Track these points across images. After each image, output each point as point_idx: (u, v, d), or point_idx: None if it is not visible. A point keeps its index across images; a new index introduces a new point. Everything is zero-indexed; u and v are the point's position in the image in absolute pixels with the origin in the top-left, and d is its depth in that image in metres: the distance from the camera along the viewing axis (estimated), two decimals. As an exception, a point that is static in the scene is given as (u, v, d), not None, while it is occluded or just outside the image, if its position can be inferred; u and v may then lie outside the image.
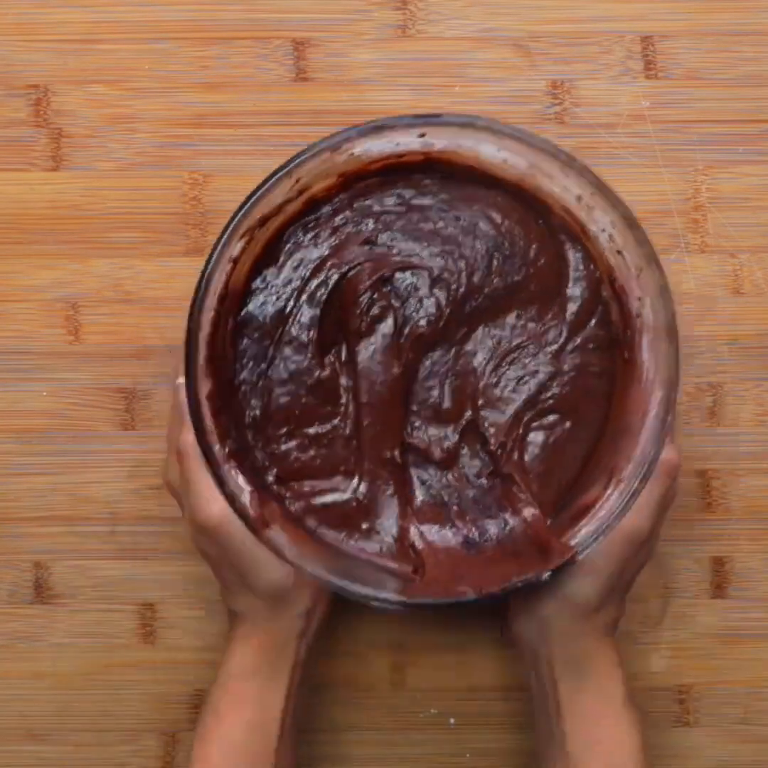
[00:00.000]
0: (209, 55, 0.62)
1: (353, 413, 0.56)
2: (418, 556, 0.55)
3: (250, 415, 0.56)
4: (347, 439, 0.56)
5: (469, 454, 0.57)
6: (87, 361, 0.63)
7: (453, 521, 0.56)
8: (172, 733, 0.64)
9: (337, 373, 0.56)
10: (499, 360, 0.57)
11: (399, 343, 0.56)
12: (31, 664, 0.64)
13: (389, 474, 0.56)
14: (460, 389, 0.57)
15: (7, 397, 0.63)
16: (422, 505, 0.56)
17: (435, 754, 0.64)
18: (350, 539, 0.55)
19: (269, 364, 0.56)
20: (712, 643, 0.64)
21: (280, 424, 0.56)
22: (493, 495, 0.56)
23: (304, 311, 0.56)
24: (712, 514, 0.64)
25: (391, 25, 0.62)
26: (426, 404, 0.57)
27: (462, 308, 0.57)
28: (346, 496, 0.56)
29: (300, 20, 0.62)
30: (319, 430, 0.56)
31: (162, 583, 0.64)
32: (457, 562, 0.55)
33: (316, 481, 0.56)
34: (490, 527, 0.56)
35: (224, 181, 0.63)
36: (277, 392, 0.56)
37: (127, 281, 0.63)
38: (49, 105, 0.62)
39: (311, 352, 0.56)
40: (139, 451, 0.63)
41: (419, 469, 0.57)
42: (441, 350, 0.57)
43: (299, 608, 0.56)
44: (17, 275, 0.63)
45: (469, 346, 0.57)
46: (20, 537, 0.64)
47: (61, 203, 0.63)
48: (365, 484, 0.56)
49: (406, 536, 0.56)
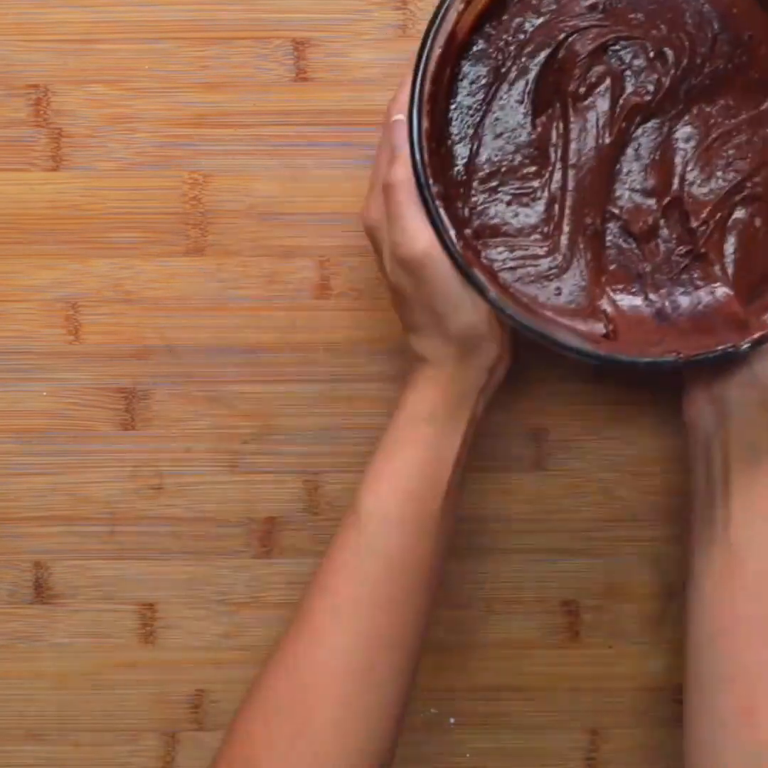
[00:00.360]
0: (209, 55, 0.62)
1: (559, 176, 0.57)
2: (609, 322, 0.56)
3: (457, 166, 0.56)
4: (549, 202, 0.57)
5: (669, 229, 0.57)
6: (87, 361, 0.63)
7: (646, 293, 0.57)
8: (172, 733, 0.64)
9: (548, 134, 0.57)
10: (711, 141, 0.57)
11: (613, 111, 0.57)
12: (31, 664, 0.64)
13: (587, 240, 0.57)
14: (668, 165, 0.57)
15: (7, 397, 0.63)
16: (616, 274, 0.57)
17: (435, 754, 0.64)
18: (542, 300, 0.56)
19: (482, 118, 0.56)
20: (712, 643, 0.64)
21: (485, 179, 0.57)
22: (689, 272, 0.57)
23: (522, 70, 0.57)
24: (712, 514, 0.64)
25: (391, 25, 0.62)
26: (632, 176, 0.58)
27: (680, 85, 0.57)
28: (542, 257, 0.57)
29: (300, 20, 0.62)
30: (523, 190, 0.57)
31: (162, 583, 0.64)
32: (650, 330, 0.56)
33: (513, 239, 0.57)
34: (683, 302, 0.57)
35: (224, 181, 0.63)
36: (486, 146, 0.57)
37: (127, 281, 0.63)
38: (49, 105, 0.62)
39: (525, 110, 0.57)
40: (139, 451, 0.63)
41: (617, 239, 0.57)
42: (653, 125, 0.57)
43: (486, 361, 0.55)
44: (17, 275, 0.63)
45: (681, 124, 0.57)
46: (20, 537, 0.64)
47: (61, 203, 0.63)
48: (562, 248, 0.57)
49: (598, 303, 0.56)
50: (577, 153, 0.57)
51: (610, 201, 0.57)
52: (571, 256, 0.57)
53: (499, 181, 0.57)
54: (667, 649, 0.64)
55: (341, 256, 0.63)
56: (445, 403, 0.55)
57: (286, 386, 0.63)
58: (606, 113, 0.57)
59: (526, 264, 0.56)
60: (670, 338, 0.55)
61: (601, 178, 0.57)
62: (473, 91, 0.56)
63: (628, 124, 0.57)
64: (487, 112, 0.57)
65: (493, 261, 0.56)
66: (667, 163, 0.57)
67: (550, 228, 0.57)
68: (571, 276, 0.57)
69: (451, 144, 0.56)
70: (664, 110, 0.57)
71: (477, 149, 0.57)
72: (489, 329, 0.54)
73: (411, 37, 0.62)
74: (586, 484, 0.64)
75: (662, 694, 0.64)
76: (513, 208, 0.57)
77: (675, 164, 0.57)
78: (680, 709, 0.55)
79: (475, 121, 0.57)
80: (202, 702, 0.65)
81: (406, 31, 0.62)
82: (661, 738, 0.64)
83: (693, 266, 0.57)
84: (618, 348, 0.54)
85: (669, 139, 0.57)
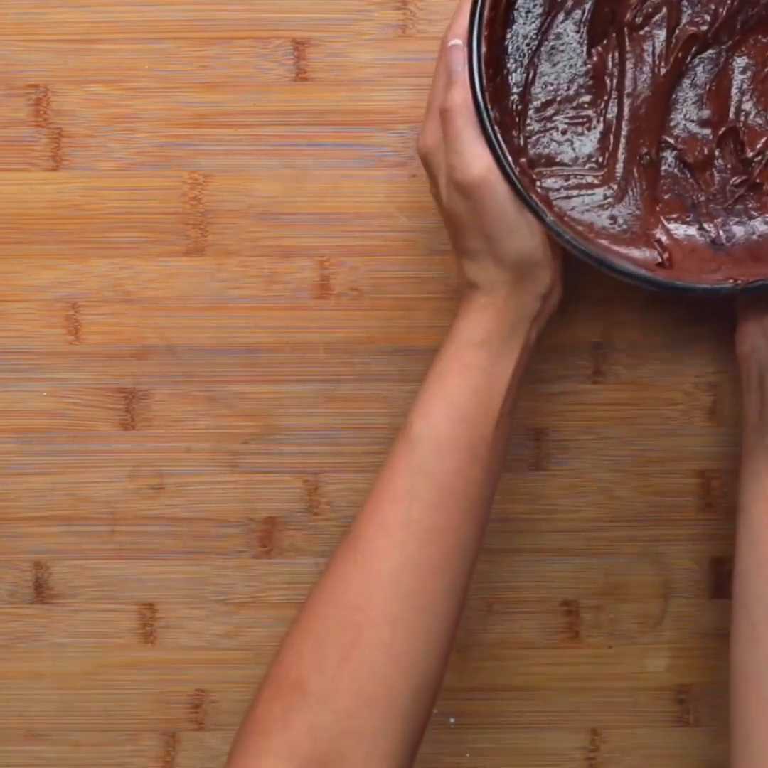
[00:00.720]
0: (209, 55, 0.62)
1: (615, 106, 0.57)
2: (664, 250, 0.56)
3: (512, 95, 0.57)
4: (605, 131, 0.57)
5: (724, 159, 0.58)
6: (87, 361, 0.63)
7: (700, 222, 0.57)
8: (172, 733, 0.64)
9: (604, 64, 0.57)
10: (767, 73, 0.58)
11: (669, 41, 0.57)
12: (31, 664, 0.64)
13: (642, 170, 0.57)
14: (724, 96, 0.58)
15: (7, 397, 0.63)
16: (671, 203, 0.58)
17: (435, 754, 0.64)
18: (597, 229, 0.56)
19: (538, 47, 0.57)
20: (712, 643, 0.64)
21: (540, 108, 0.57)
22: (743, 202, 0.57)
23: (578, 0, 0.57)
24: (712, 514, 0.64)
25: (391, 25, 0.62)
26: (688, 106, 0.58)
27: (736, 15, 0.57)
28: (597, 186, 0.57)
29: (300, 20, 0.62)
30: (578, 119, 0.57)
31: (162, 583, 0.64)
32: (706, 259, 0.56)
33: (568, 168, 0.57)
34: (737, 232, 0.57)
35: (224, 181, 0.63)
36: (541, 75, 0.57)
37: (127, 281, 0.63)
38: (49, 105, 0.62)
39: (581, 40, 0.57)
40: (139, 451, 0.63)
41: (672, 169, 0.58)
42: (710, 55, 0.58)
43: (540, 288, 0.55)
44: (17, 275, 0.63)
45: (738, 55, 0.58)
46: (20, 537, 0.64)
47: (61, 203, 0.63)
48: (617, 177, 0.57)
49: (653, 231, 0.57)
50: (633, 83, 0.57)
51: (666, 130, 0.57)
52: (626, 185, 0.57)
53: (554, 110, 0.57)
54: (667, 649, 0.64)
55: (341, 256, 0.63)
56: (498, 329, 0.55)
57: (286, 386, 0.63)
58: (662, 43, 0.57)
59: (581, 193, 0.57)
60: (726, 267, 0.56)
61: (656, 107, 0.57)
62: (529, 19, 0.57)
63: (685, 54, 0.57)
64: (543, 42, 0.57)
65: (548, 190, 0.56)
66: (723, 93, 0.58)
67: (605, 157, 0.57)
68: (626, 205, 0.57)
69: (506, 73, 0.56)
70: (720, 41, 0.57)
71: (532, 78, 0.57)
72: (543, 256, 0.54)
73: (411, 37, 0.62)
74: (586, 484, 0.64)
75: (662, 694, 0.64)
76: (568, 137, 0.57)
77: (731, 95, 0.58)
78: (680, 709, 0.55)
79: (531, 50, 0.57)
80: (202, 702, 0.65)
81: (406, 31, 0.62)
82: (661, 738, 0.64)
83: (747, 196, 0.57)
84: (675, 275, 0.55)
85: (725, 69, 0.58)
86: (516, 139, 0.56)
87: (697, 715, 0.64)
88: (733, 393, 0.63)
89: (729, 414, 0.63)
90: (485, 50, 0.53)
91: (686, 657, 0.64)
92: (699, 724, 0.64)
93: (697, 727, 0.64)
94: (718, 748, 0.64)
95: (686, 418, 0.63)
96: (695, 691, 0.64)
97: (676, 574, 0.64)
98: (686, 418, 0.63)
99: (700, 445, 0.63)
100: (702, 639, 0.64)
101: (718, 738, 0.64)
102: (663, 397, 0.63)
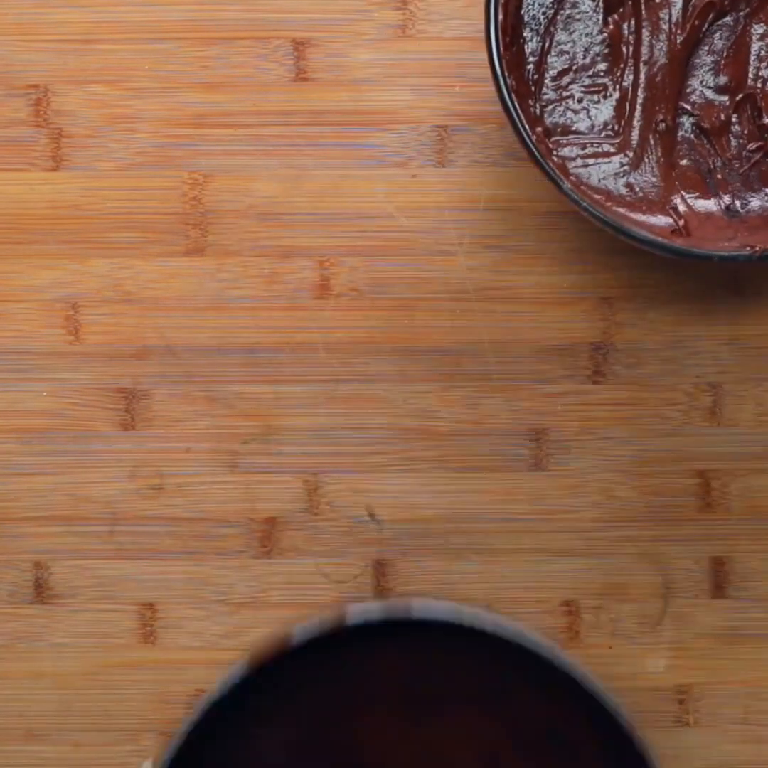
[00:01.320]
0: (209, 55, 0.62)
1: (631, 74, 0.57)
2: (680, 218, 0.57)
3: (528, 64, 0.57)
4: (621, 98, 0.57)
5: (741, 126, 0.58)
6: (87, 361, 0.63)
7: (716, 190, 0.57)
8: (172, 733, 0.64)
9: (620, 32, 0.57)
10: None
11: (686, 9, 0.57)
12: (31, 664, 0.64)
13: (658, 136, 0.57)
14: (742, 62, 0.58)
15: (7, 397, 0.63)
16: (686, 171, 0.58)
17: (435, 754, 0.64)
18: (614, 197, 0.57)
19: (554, 15, 0.57)
20: (712, 643, 0.64)
21: (556, 77, 0.57)
22: (759, 169, 0.58)
23: None
24: (712, 514, 0.64)
25: (391, 25, 0.62)
26: (704, 73, 0.58)
27: None
28: (613, 154, 0.57)
29: (300, 20, 0.62)
30: (594, 87, 0.57)
31: (162, 583, 0.64)
32: (722, 226, 0.57)
33: (584, 136, 0.57)
34: (753, 200, 0.58)
35: (224, 181, 0.63)
36: (557, 44, 0.57)
37: (127, 281, 0.63)
38: (49, 105, 0.62)
39: (597, 7, 0.57)
40: (139, 451, 0.63)
41: (688, 135, 0.58)
42: (727, 22, 0.58)
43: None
44: (17, 275, 0.63)
45: (756, 22, 0.58)
46: (20, 537, 0.64)
47: (61, 203, 0.63)
48: (633, 144, 0.57)
49: (669, 199, 0.57)
50: (649, 50, 0.57)
51: (682, 97, 0.58)
52: (642, 152, 0.57)
53: (570, 78, 0.57)
54: (667, 649, 0.64)
55: (341, 256, 0.63)
56: None
57: (286, 386, 0.63)
58: (678, 11, 0.57)
59: (598, 161, 0.57)
60: (742, 234, 0.56)
61: (673, 74, 0.57)
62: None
63: (701, 21, 0.57)
64: (559, 10, 0.57)
65: (564, 159, 0.57)
66: (740, 60, 0.58)
67: (621, 125, 0.57)
68: (642, 172, 0.57)
69: (522, 42, 0.57)
70: (737, 8, 0.57)
71: (548, 47, 0.57)
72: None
73: (411, 37, 0.62)
74: (586, 484, 0.64)
75: (662, 694, 0.64)
76: (584, 105, 0.57)
77: (748, 62, 0.58)
78: (680, 709, 0.55)
79: (547, 19, 0.57)
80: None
81: (406, 31, 0.62)
82: (661, 738, 0.64)
83: (763, 162, 0.58)
84: (692, 243, 0.55)
85: (743, 36, 0.58)
86: (532, 108, 0.57)
87: (697, 715, 0.64)
88: (733, 393, 0.63)
89: (729, 414, 0.63)
90: (502, 18, 0.53)
91: (686, 657, 0.64)
92: (699, 724, 0.64)
93: (697, 727, 0.64)
94: (718, 748, 0.64)
95: (686, 418, 0.63)
96: (695, 691, 0.64)
97: (676, 574, 0.64)
98: (686, 418, 0.63)
99: (700, 445, 0.63)
100: (702, 639, 0.64)
101: (718, 738, 0.64)
102: (663, 397, 0.63)
